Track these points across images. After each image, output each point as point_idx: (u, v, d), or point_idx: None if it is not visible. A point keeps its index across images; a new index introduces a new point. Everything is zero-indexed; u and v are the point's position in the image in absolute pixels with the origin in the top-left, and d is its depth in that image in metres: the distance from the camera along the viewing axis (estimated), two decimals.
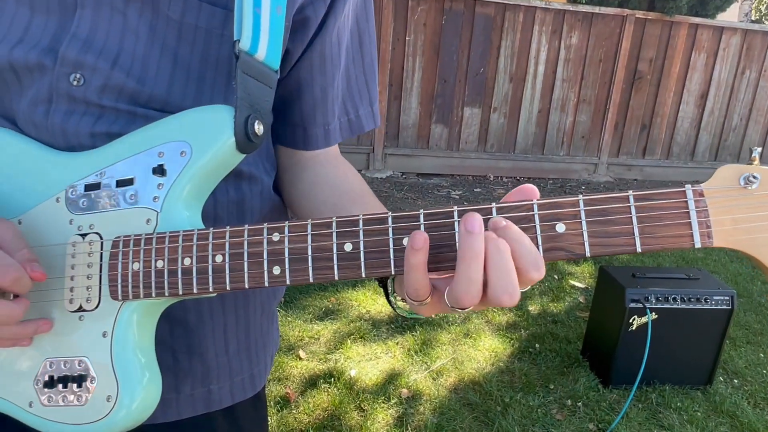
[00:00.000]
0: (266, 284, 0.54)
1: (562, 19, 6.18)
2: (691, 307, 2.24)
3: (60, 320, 0.58)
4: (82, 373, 0.57)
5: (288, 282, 0.53)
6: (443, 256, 0.49)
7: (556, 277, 3.43)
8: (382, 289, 0.56)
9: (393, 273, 0.51)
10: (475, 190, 6.00)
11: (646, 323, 2.21)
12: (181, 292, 0.55)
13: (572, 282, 3.37)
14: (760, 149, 0.48)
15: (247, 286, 0.54)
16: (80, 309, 0.58)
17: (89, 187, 0.59)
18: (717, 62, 6.60)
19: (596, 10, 6.22)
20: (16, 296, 0.55)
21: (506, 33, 6.14)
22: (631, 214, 0.47)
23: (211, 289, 0.55)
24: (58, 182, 0.60)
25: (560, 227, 0.48)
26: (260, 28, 0.58)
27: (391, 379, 2.30)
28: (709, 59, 6.55)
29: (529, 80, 6.31)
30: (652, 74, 6.50)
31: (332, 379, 2.25)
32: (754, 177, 0.45)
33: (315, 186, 0.70)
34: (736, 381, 2.44)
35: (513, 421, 2.08)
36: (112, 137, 0.61)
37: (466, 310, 0.48)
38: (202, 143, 0.56)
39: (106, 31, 0.60)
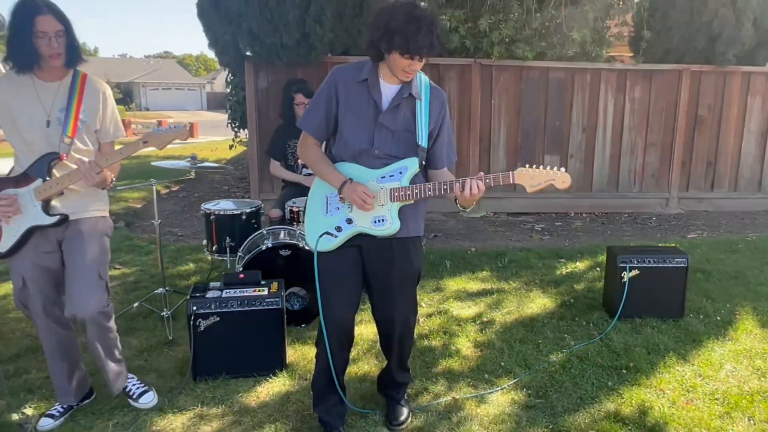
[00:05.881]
0: (425, 196, 2.57)
1: (625, 77, 8.00)
2: (659, 265, 4.01)
3: (375, 209, 2.62)
4: (384, 217, 2.61)
5: (424, 196, 2.57)
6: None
7: (599, 269, 5.19)
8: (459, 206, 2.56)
9: (456, 199, 2.53)
10: (556, 223, 7.74)
11: (632, 276, 3.99)
12: (412, 201, 2.58)
13: None
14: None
15: (423, 196, 2.56)
16: (381, 205, 2.62)
17: (383, 178, 2.65)
18: None
19: (655, 67, 8.00)
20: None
21: (577, 92, 8.03)
22: (510, 177, 2.45)
23: (416, 198, 2.58)
24: (373, 176, 2.66)
25: (481, 183, 2.48)
26: (424, 136, 2.62)
27: (476, 316, 4.23)
28: (765, 102, 8.06)
29: (599, 130, 8.12)
30: (712, 118, 8.10)
31: (442, 313, 4.21)
32: (528, 166, 2.44)
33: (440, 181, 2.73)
34: (701, 316, 4.12)
35: (548, 331, 3.93)
36: (383, 164, 2.67)
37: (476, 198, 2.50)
38: (411, 167, 2.61)
39: (380, 137, 2.67)
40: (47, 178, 2.70)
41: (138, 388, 3.16)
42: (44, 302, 2.83)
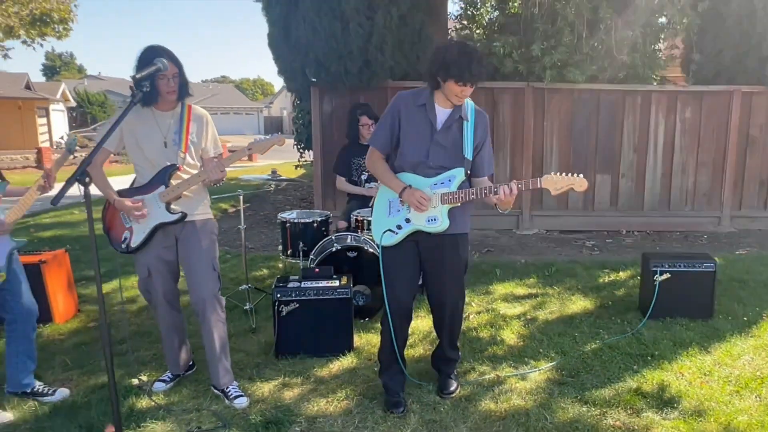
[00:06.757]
0: (470, 199, 3.27)
1: (675, 98, 8.49)
2: (689, 269, 4.56)
3: (429, 209, 3.34)
4: (436, 217, 3.32)
5: (468, 199, 3.27)
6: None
7: (638, 278, 5.73)
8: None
9: (495, 202, 3.22)
10: (607, 241, 8.24)
11: (663, 279, 4.56)
12: (459, 203, 3.29)
13: None
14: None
15: (468, 199, 3.27)
16: (434, 207, 3.34)
17: (435, 185, 3.37)
18: None
19: (705, 88, 8.46)
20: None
21: (628, 113, 8.56)
22: (538, 182, 3.14)
23: (462, 200, 3.29)
24: (427, 183, 3.38)
25: (514, 186, 3.17)
26: (469, 150, 3.34)
27: (521, 314, 4.86)
28: None
29: (650, 150, 8.61)
30: (764, 138, 8.48)
31: (490, 311, 4.86)
32: (553, 173, 3.11)
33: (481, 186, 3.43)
34: (730, 317, 4.63)
35: (585, 327, 4.53)
36: (435, 173, 3.38)
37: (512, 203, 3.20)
38: (458, 176, 3.33)
39: (434, 152, 3.40)
40: (168, 185, 3.52)
41: (236, 391, 3.60)
42: (164, 289, 3.65)
